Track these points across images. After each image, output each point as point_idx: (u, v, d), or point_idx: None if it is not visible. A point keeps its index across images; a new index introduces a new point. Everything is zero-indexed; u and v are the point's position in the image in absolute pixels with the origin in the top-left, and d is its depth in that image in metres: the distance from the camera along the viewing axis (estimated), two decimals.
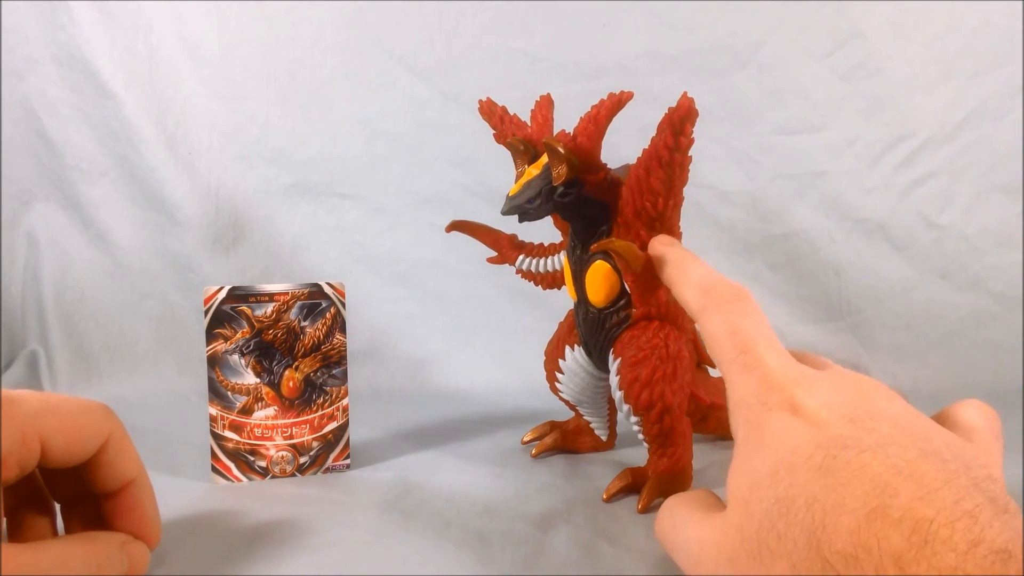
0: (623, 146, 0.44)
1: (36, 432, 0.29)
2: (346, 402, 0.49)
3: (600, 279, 0.43)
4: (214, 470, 0.47)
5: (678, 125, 0.38)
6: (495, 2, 0.78)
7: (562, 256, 0.49)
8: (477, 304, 0.78)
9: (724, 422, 0.53)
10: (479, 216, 0.54)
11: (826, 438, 0.25)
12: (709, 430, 0.55)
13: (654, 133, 0.40)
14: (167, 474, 0.48)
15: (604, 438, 0.53)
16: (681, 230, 0.45)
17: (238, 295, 0.46)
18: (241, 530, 0.39)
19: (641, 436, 0.43)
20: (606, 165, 0.43)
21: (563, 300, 0.50)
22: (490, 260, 0.53)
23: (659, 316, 0.43)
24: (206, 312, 0.46)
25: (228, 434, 0.47)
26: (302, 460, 0.48)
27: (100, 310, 0.75)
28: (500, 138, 0.48)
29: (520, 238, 0.52)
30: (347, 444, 0.49)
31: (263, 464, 0.47)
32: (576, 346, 0.49)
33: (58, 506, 0.34)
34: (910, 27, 0.77)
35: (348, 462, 0.49)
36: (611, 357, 0.44)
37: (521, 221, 0.43)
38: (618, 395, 0.43)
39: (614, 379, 0.43)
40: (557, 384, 0.51)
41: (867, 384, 0.27)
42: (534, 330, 0.57)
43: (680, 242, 0.38)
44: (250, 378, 0.47)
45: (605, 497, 0.43)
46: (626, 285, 0.42)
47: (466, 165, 0.78)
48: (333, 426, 0.49)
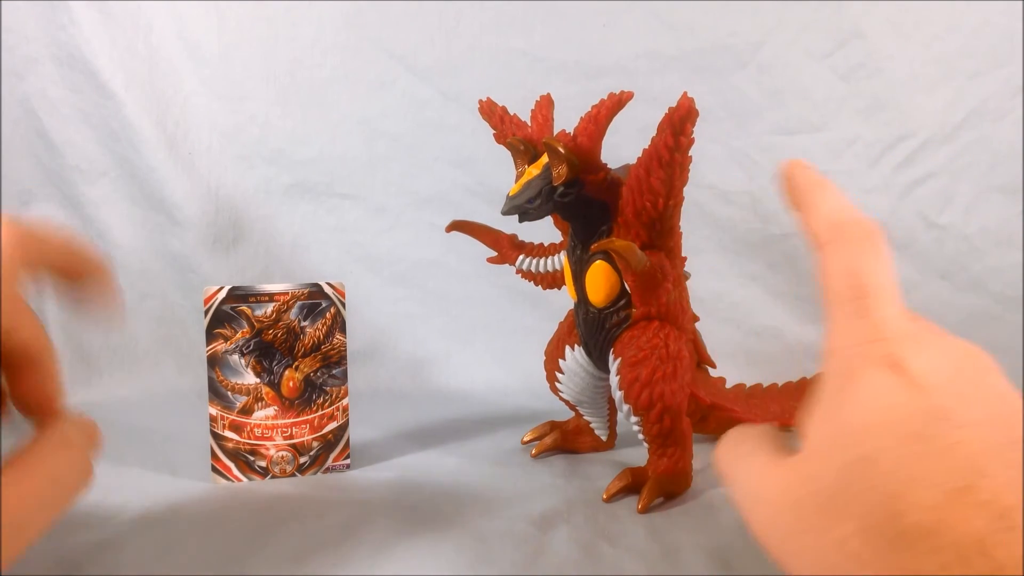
0: (623, 146, 0.44)
1: None
2: (346, 402, 0.49)
3: (600, 279, 0.43)
4: (214, 470, 0.47)
5: (678, 125, 0.38)
6: (495, 2, 0.78)
7: (562, 256, 0.49)
8: (477, 304, 0.78)
9: (724, 422, 0.54)
10: (479, 216, 0.54)
11: (924, 406, 0.23)
12: (709, 430, 0.55)
13: (654, 133, 0.40)
14: (167, 474, 0.48)
15: (604, 438, 0.53)
16: (681, 230, 0.45)
17: (238, 295, 0.46)
18: (241, 530, 0.39)
19: (641, 436, 0.43)
20: (606, 165, 0.43)
21: (563, 300, 0.50)
22: (490, 260, 0.53)
23: (659, 316, 0.43)
24: (206, 312, 0.46)
25: (228, 434, 0.47)
26: (302, 460, 0.48)
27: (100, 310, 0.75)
28: (500, 138, 0.48)
29: (520, 238, 0.52)
30: (347, 444, 0.49)
31: (263, 464, 0.47)
32: (576, 346, 0.49)
33: None
34: (910, 27, 0.77)
35: (348, 462, 0.49)
36: (611, 357, 0.44)
37: (521, 221, 0.43)
38: (618, 395, 0.43)
39: (614, 379, 0.43)
40: (557, 384, 0.51)
41: (980, 356, 0.25)
42: (534, 330, 0.57)
43: None
44: (250, 378, 0.47)
45: (605, 497, 0.43)
46: (626, 285, 0.42)
47: (466, 165, 0.78)
48: (333, 426, 0.49)
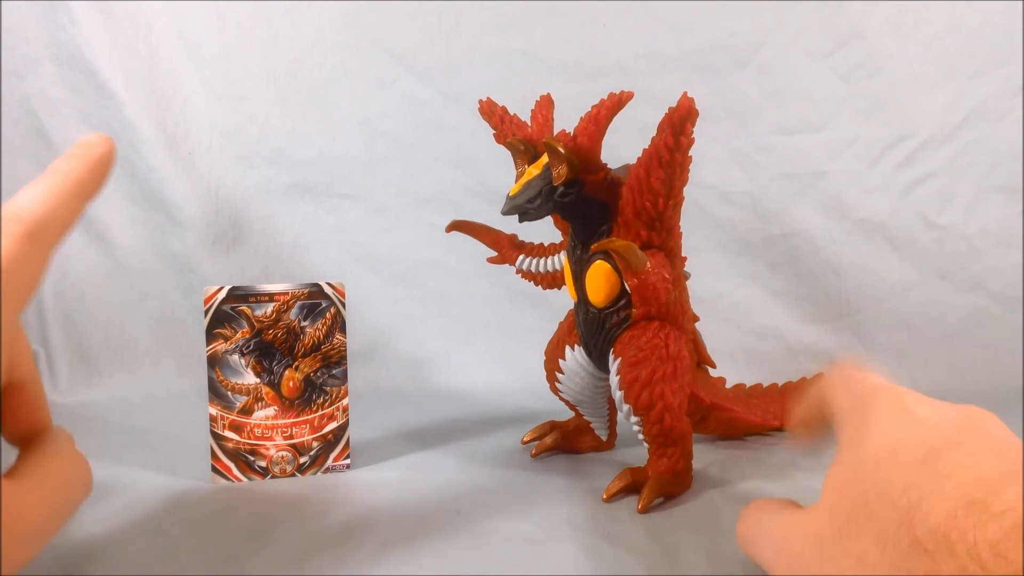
0: (623, 146, 0.44)
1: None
2: (346, 402, 0.49)
3: (600, 279, 0.43)
4: (214, 470, 0.47)
5: (678, 125, 0.38)
6: (495, 2, 0.78)
7: (562, 256, 0.49)
8: (477, 304, 0.78)
9: (724, 422, 0.54)
10: (479, 216, 0.54)
11: (934, 437, 0.25)
12: (709, 430, 0.55)
13: (654, 133, 0.40)
14: (167, 474, 0.48)
15: (604, 438, 0.53)
16: (681, 230, 0.45)
17: (238, 295, 0.46)
18: (241, 530, 0.39)
19: (641, 436, 0.43)
20: (606, 165, 0.43)
21: (563, 300, 0.50)
22: (490, 260, 0.53)
23: (659, 316, 0.43)
24: (206, 312, 0.46)
25: (228, 434, 0.47)
26: (302, 460, 0.48)
27: (100, 310, 0.75)
28: (500, 138, 0.48)
29: (520, 238, 0.52)
30: (347, 444, 0.49)
31: (263, 464, 0.47)
32: (576, 346, 0.49)
33: None
34: (910, 27, 0.77)
35: (348, 462, 0.49)
36: (611, 357, 0.44)
37: (521, 221, 0.43)
38: (618, 395, 0.43)
39: (614, 379, 0.43)
40: (557, 384, 0.51)
41: (981, 411, 0.27)
42: (534, 330, 0.57)
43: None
44: (250, 378, 0.47)
45: (605, 497, 0.43)
46: (626, 285, 0.42)
47: (466, 165, 0.78)
48: (333, 426, 0.49)
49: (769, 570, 0.29)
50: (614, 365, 0.43)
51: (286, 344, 0.47)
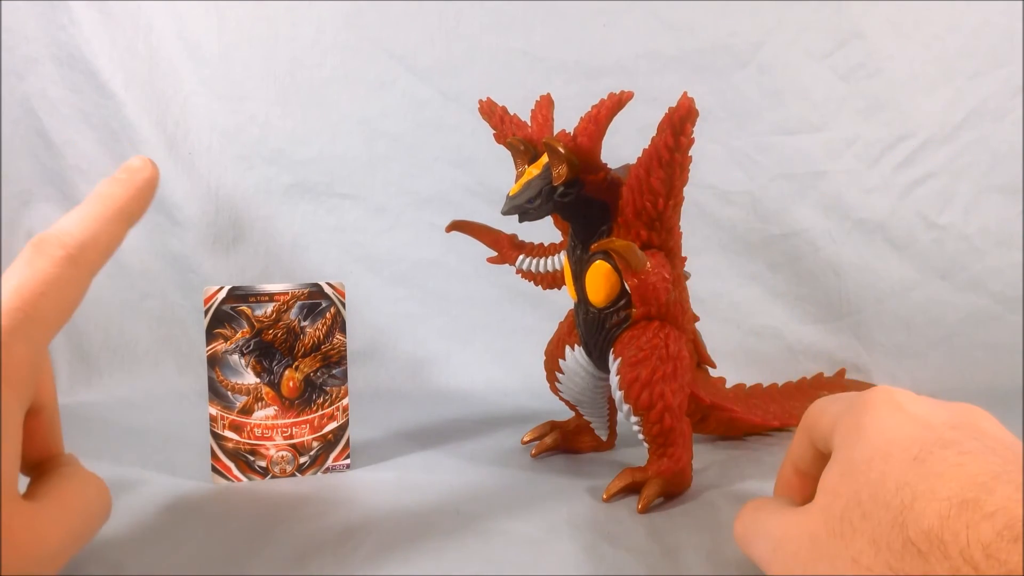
0: (623, 146, 0.44)
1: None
2: (346, 402, 0.49)
3: (600, 279, 0.43)
4: (214, 470, 0.47)
5: (678, 125, 0.38)
6: (495, 2, 0.78)
7: (562, 256, 0.49)
8: (477, 304, 0.78)
9: (724, 422, 0.54)
10: (479, 216, 0.54)
11: (928, 435, 0.25)
12: (709, 430, 0.55)
13: (654, 133, 0.40)
14: (167, 474, 0.48)
15: (604, 438, 0.53)
16: (681, 230, 0.45)
17: (238, 295, 0.46)
18: (241, 530, 0.39)
19: (641, 436, 0.43)
20: (606, 165, 0.43)
21: (563, 300, 0.50)
22: (490, 260, 0.53)
23: (659, 316, 0.43)
24: (206, 312, 0.46)
25: (228, 434, 0.47)
26: (302, 460, 0.48)
27: (100, 310, 0.75)
28: (500, 138, 0.48)
29: (520, 238, 0.52)
30: (347, 444, 0.49)
31: (263, 464, 0.47)
32: (576, 346, 0.49)
33: None
34: (910, 27, 0.77)
35: (348, 462, 0.49)
36: (611, 357, 0.44)
37: (521, 221, 0.43)
38: (618, 395, 0.43)
39: (614, 379, 0.43)
40: (557, 384, 0.51)
41: (975, 408, 0.27)
42: (534, 330, 0.57)
43: None
44: (250, 378, 0.47)
45: (605, 497, 0.43)
46: (626, 285, 0.42)
47: (466, 165, 0.78)
48: (333, 426, 0.49)
49: (765, 569, 0.29)
50: (614, 365, 0.43)
51: (286, 344, 0.47)
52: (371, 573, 0.35)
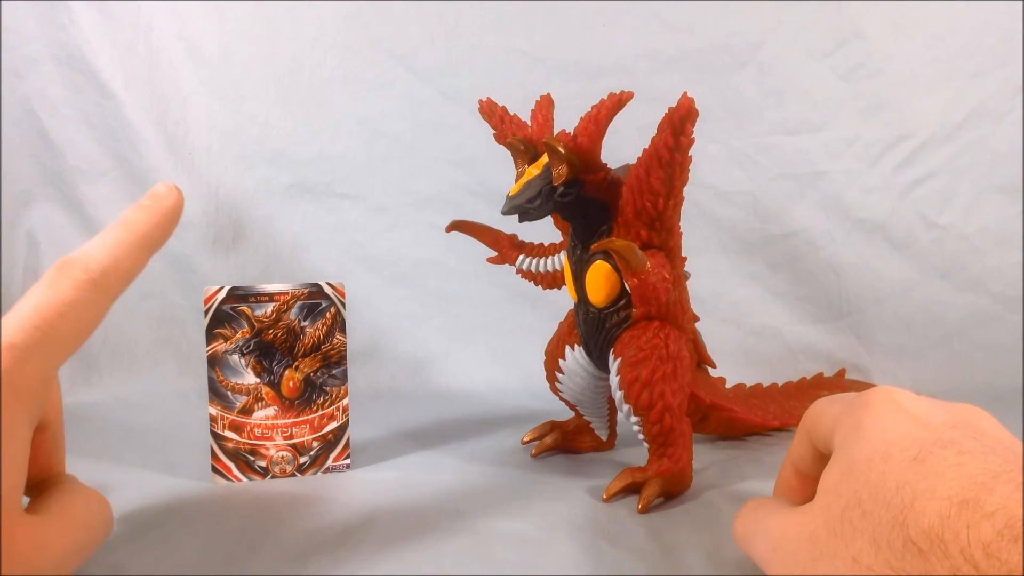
0: (623, 146, 0.44)
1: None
2: (346, 402, 0.49)
3: (600, 279, 0.43)
4: (214, 470, 0.47)
5: (678, 125, 0.38)
6: (495, 2, 0.78)
7: (562, 256, 0.49)
8: (477, 304, 0.78)
9: (724, 422, 0.54)
10: (479, 216, 0.54)
11: (927, 436, 0.25)
12: (709, 430, 0.55)
13: (654, 133, 0.40)
14: (167, 474, 0.48)
15: (604, 438, 0.53)
16: (681, 230, 0.45)
17: (238, 295, 0.46)
18: (241, 530, 0.39)
19: (641, 436, 0.43)
20: (606, 165, 0.43)
21: (563, 300, 0.50)
22: (490, 260, 0.53)
23: (659, 316, 0.43)
24: (206, 312, 0.46)
25: (228, 434, 0.47)
26: (302, 460, 0.48)
27: None
28: (500, 138, 0.48)
29: (520, 238, 0.52)
30: (347, 444, 0.49)
31: (263, 464, 0.47)
32: (576, 346, 0.49)
33: None
34: (910, 27, 0.76)
35: (348, 462, 0.49)
36: (611, 357, 0.44)
37: (521, 221, 0.43)
38: (618, 395, 0.43)
39: (614, 379, 0.43)
40: (557, 384, 0.51)
41: (974, 408, 0.27)
42: (534, 330, 0.57)
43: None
44: (250, 378, 0.47)
45: (605, 497, 0.43)
46: (626, 285, 0.42)
47: (466, 165, 0.78)
48: (333, 426, 0.49)
49: (765, 569, 0.29)
50: (614, 365, 0.43)
51: (286, 344, 0.47)
52: (370, 573, 0.35)
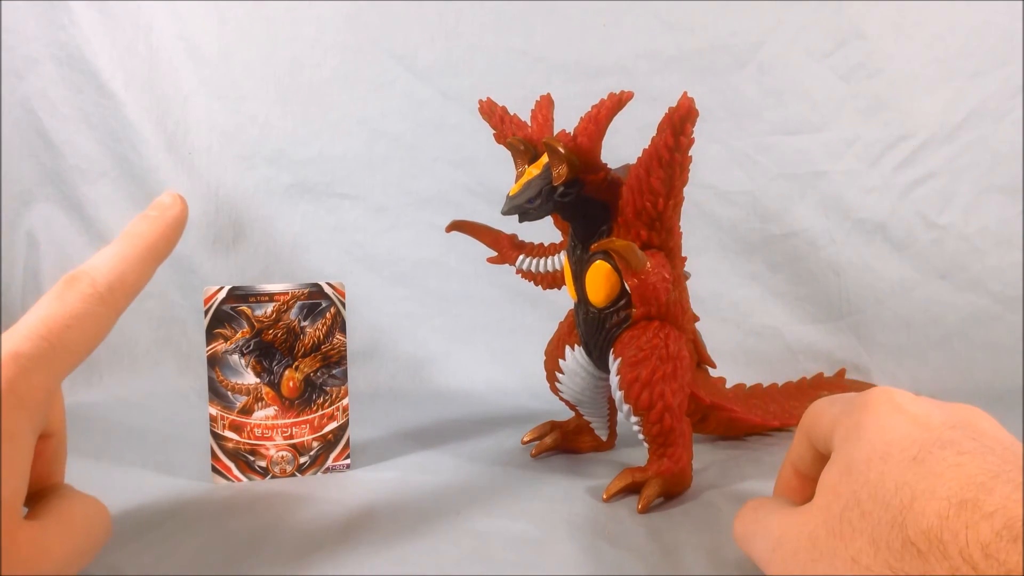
0: (623, 146, 0.44)
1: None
2: (346, 402, 0.49)
3: (600, 279, 0.43)
4: (214, 470, 0.47)
5: (678, 125, 0.38)
6: (495, 2, 0.78)
7: (562, 256, 0.49)
8: (477, 304, 0.78)
9: (724, 422, 0.54)
10: (479, 216, 0.54)
11: (926, 436, 0.25)
12: (709, 430, 0.55)
13: (654, 133, 0.40)
14: (167, 474, 0.48)
15: (604, 438, 0.53)
16: (681, 230, 0.45)
17: (238, 295, 0.46)
18: (241, 530, 0.39)
19: (641, 436, 0.43)
20: (606, 165, 0.43)
21: (563, 300, 0.50)
22: (490, 260, 0.53)
23: (659, 316, 0.43)
24: (206, 312, 0.46)
25: (228, 434, 0.47)
26: (302, 460, 0.48)
27: None
28: (500, 138, 0.48)
29: (520, 238, 0.52)
30: (347, 444, 0.49)
31: (263, 464, 0.47)
32: (576, 346, 0.49)
33: None
34: (910, 27, 0.77)
35: (348, 462, 0.49)
36: (611, 357, 0.44)
37: (521, 221, 0.43)
38: (618, 395, 0.43)
39: (614, 379, 0.43)
40: (557, 384, 0.51)
41: (973, 408, 0.27)
42: (534, 330, 0.57)
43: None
44: (250, 378, 0.47)
45: (605, 497, 0.43)
46: (626, 285, 0.42)
47: (466, 165, 0.78)
48: (333, 426, 0.49)
49: (765, 569, 0.29)
50: (614, 365, 0.43)
51: (286, 344, 0.47)
52: (370, 573, 0.35)
